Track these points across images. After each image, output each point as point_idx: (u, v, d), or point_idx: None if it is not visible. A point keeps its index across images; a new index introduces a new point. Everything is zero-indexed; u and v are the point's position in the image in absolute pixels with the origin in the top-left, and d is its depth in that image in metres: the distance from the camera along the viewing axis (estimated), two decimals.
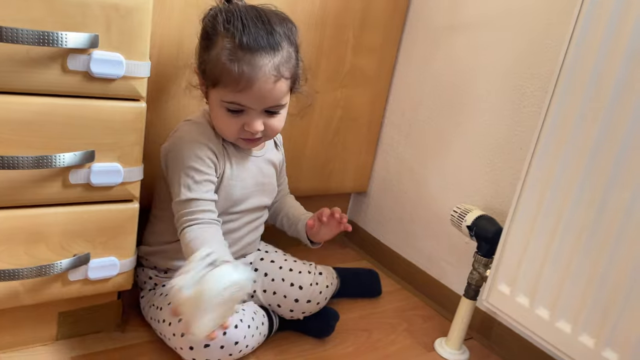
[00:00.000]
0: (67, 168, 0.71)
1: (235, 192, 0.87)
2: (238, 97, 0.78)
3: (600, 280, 0.74)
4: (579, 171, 0.75)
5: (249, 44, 0.75)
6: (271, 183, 0.95)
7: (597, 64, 0.73)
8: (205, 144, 0.82)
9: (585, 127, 0.75)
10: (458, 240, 1.13)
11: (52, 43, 0.64)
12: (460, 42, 1.12)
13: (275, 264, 0.96)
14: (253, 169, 0.90)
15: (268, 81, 0.77)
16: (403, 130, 1.27)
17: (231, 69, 0.75)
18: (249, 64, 0.75)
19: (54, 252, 0.75)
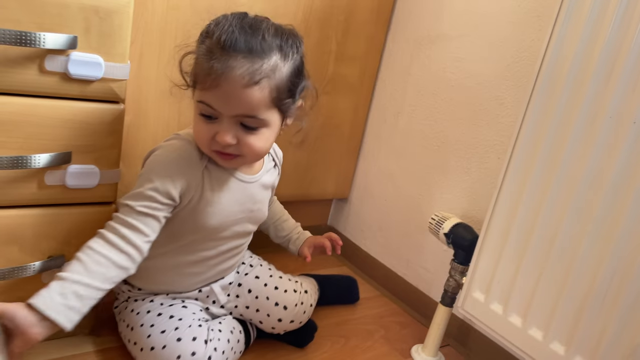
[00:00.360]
0: (43, 169, 0.71)
1: (210, 220, 0.79)
2: (207, 96, 0.71)
3: (571, 289, 0.75)
4: (552, 181, 0.77)
5: (227, 43, 0.70)
6: (261, 210, 0.88)
7: (570, 76, 0.75)
8: (174, 175, 0.74)
9: (559, 138, 0.76)
10: (436, 248, 1.14)
11: (30, 43, 0.63)
12: (440, 52, 1.13)
13: (260, 281, 0.93)
14: (241, 197, 0.83)
15: (237, 83, 0.69)
16: (384, 137, 1.28)
17: (204, 65, 0.71)
18: (221, 61, 0.69)
19: (27, 253, 0.74)
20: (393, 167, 1.25)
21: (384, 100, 1.28)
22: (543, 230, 0.78)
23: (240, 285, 0.93)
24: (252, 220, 0.88)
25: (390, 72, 1.26)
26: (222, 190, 0.80)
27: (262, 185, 0.87)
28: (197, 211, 0.78)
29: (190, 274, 0.86)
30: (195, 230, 0.80)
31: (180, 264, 0.84)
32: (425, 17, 1.17)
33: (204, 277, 0.88)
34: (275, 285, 0.93)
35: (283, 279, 0.95)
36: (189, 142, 0.77)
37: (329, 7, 1.14)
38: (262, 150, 0.76)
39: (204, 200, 0.78)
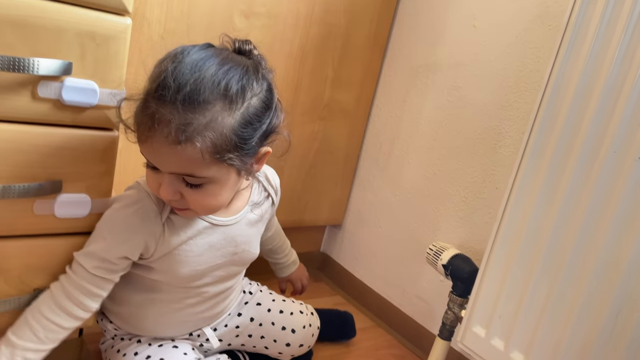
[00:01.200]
0: (32, 198, 0.68)
1: (181, 270, 0.73)
2: (142, 149, 0.65)
3: (576, 325, 0.74)
4: (555, 214, 0.76)
5: (160, 92, 0.61)
6: (247, 251, 0.80)
7: (573, 109, 0.74)
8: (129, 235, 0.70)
9: (561, 172, 0.75)
10: (432, 278, 1.12)
11: (22, 69, 0.61)
12: (436, 80, 1.13)
13: (263, 307, 0.89)
14: (218, 241, 0.76)
15: (163, 141, 0.61)
16: (380, 163, 1.26)
17: (136, 116, 0.64)
18: (148, 115, 0.61)
19: (12, 286, 0.70)
20: (388, 195, 1.24)
21: (379, 127, 1.27)
22: (546, 264, 0.77)
23: (241, 315, 0.89)
24: (238, 263, 0.80)
25: (386, 98, 1.25)
26: (191, 238, 0.73)
27: (248, 224, 0.79)
28: (164, 263, 0.73)
29: (176, 322, 0.81)
30: (170, 281, 0.76)
31: (164, 311, 0.79)
32: (422, 45, 1.17)
33: (191, 324, 0.83)
34: (279, 309, 0.89)
35: (287, 301, 0.92)
36: (147, 194, 0.71)
37: (326, 33, 1.14)
38: (211, 206, 0.68)
39: (169, 251, 0.72)
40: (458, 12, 1.09)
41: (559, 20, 0.91)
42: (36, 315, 0.68)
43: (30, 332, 0.67)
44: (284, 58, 1.09)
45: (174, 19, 0.92)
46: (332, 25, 1.14)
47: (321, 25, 1.12)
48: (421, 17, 1.17)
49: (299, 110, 1.17)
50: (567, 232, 0.75)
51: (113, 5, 0.67)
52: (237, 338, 0.89)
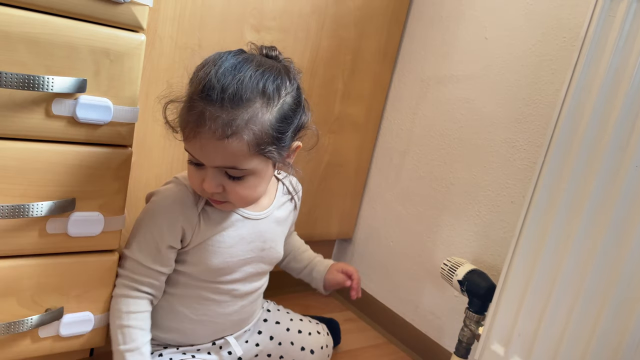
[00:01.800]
0: (45, 217, 0.67)
1: (213, 260, 0.77)
2: (189, 146, 0.71)
3: (599, 343, 0.72)
4: (576, 227, 0.74)
5: (204, 93, 0.67)
6: (274, 249, 0.84)
7: (592, 121, 0.73)
8: (170, 223, 0.74)
9: (583, 184, 0.74)
10: (446, 293, 1.10)
11: (37, 87, 0.60)
12: (448, 93, 1.12)
13: (282, 326, 0.88)
14: (248, 234, 0.80)
15: (211, 136, 0.67)
16: (390, 177, 1.25)
17: (183, 115, 0.70)
18: (196, 113, 0.67)
19: (24, 306, 0.69)
20: (399, 208, 1.22)
21: (389, 140, 1.26)
22: (567, 280, 0.75)
23: (261, 333, 0.88)
24: (266, 260, 0.83)
25: (397, 111, 1.24)
26: (224, 230, 0.77)
27: (275, 221, 0.83)
28: (198, 253, 0.77)
29: (203, 322, 0.81)
30: (201, 274, 0.78)
31: (194, 308, 0.80)
32: (432, 57, 1.16)
33: (218, 328, 0.83)
34: (298, 328, 0.89)
35: (304, 321, 0.91)
36: (185, 186, 0.76)
37: (336, 46, 1.13)
38: (250, 198, 0.74)
39: (203, 241, 0.76)
40: (469, 24, 1.09)
41: (573, 32, 0.91)
42: (123, 316, 0.73)
43: (134, 331, 0.72)
44: None
45: (185, 34, 0.92)
46: (342, 38, 1.13)
47: (331, 38, 1.12)
48: (431, 29, 1.17)
49: None
50: (589, 247, 0.73)
51: (127, 22, 0.67)
52: (256, 358, 0.87)
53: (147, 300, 0.76)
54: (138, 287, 0.75)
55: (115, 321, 0.74)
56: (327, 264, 0.97)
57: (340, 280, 0.92)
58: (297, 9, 1.04)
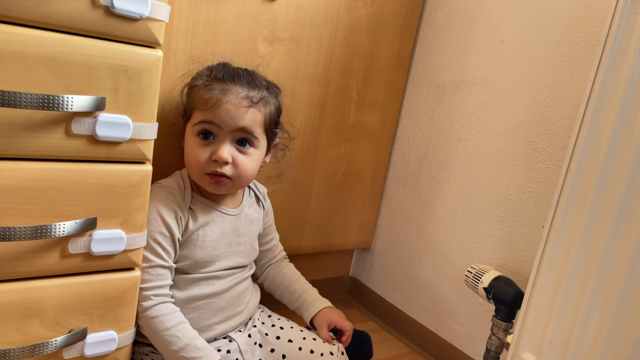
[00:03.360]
0: (67, 237, 0.66)
1: (198, 253, 0.83)
2: (207, 115, 0.79)
3: (636, 345, 0.70)
4: (608, 227, 0.72)
5: (225, 77, 0.81)
6: (249, 244, 0.91)
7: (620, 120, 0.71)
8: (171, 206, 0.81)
9: (612, 181, 0.72)
10: (470, 300, 1.08)
11: (56, 107, 0.60)
12: (464, 97, 1.11)
13: (294, 344, 0.88)
14: (226, 229, 0.87)
15: (239, 103, 0.79)
16: (408, 184, 1.24)
17: (203, 93, 0.80)
18: (221, 89, 0.79)
19: (48, 328, 0.69)
20: (418, 215, 1.21)
21: (406, 147, 1.25)
22: (600, 283, 0.73)
23: (274, 351, 0.87)
24: (243, 254, 0.90)
25: (412, 118, 1.23)
26: (207, 224, 0.84)
27: (248, 219, 0.91)
28: (186, 247, 0.82)
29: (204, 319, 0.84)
30: (189, 268, 0.83)
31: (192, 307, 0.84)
32: (446, 62, 1.15)
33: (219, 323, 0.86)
34: (310, 348, 0.87)
35: (317, 341, 0.89)
36: (170, 187, 0.83)
37: (349, 55, 1.12)
38: (251, 172, 0.83)
39: (190, 235, 0.82)
40: (484, 27, 1.07)
41: (592, 31, 0.89)
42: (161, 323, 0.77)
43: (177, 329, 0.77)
44: (309, 81, 1.08)
45: (199, 49, 0.91)
46: (355, 46, 1.13)
47: (344, 47, 1.11)
48: (445, 34, 1.16)
49: (324, 133, 1.15)
50: (621, 248, 0.71)
51: (144, 38, 0.66)
52: None
53: (172, 302, 0.80)
54: (163, 292, 0.79)
55: (155, 331, 0.77)
56: (315, 307, 0.94)
57: (325, 338, 0.91)
58: (309, 18, 1.04)
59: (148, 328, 0.77)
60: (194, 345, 0.77)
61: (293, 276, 1.00)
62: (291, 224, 1.16)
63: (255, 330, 0.90)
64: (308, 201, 1.18)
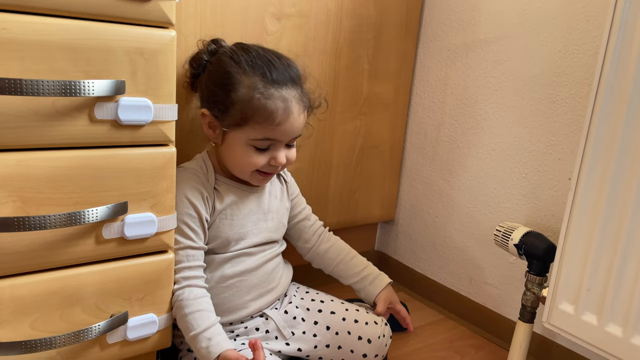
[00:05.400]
0: (100, 223, 0.67)
1: (228, 232, 0.84)
2: (271, 133, 0.78)
3: None
4: (637, 170, 0.71)
5: (278, 79, 0.78)
6: (275, 218, 0.91)
7: None
8: (196, 187, 0.81)
9: (638, 123, 0.71)
10: (500, 261, 1.08)
11: (77, 93, 0.60)
12: (477, 58, 1.09)
13: (337, 315, 0.88)
14: (251, 207, 0.87)
15: (299, 115, 0.80)
16: (427, 152, 1.23)
17: (266, 106, 0.76)
18: (282, 99, 0.77)
19: (89, 314, 0.70)
20: (440, 182, 1.20)
21: (422, 115, 1.24)
22: (633, 228, 0.72)
23: (317, 324, 0.88)
24: (271, 230, 0.90)
25: (425, 85, 1.22)
26: (235, 203, 0.85)
27: (272, 195, 0.91)
28: (215, 227, 0.83)
29: (234, 287, 0.85)
30: (220, 247, 0.84)
31: (221, 278, 0.84)
32: (456, 24, 1.14)
33: (254, 299, 0.86)
34: (354, 318, 0.87)
35: (360, 312, 0.89)
36: (193, 169, 0.83)
37: (357, 26, 1.11)
38: (293, 161, 0.85)
39: (218, 215, 0.83)
40: None
41: None
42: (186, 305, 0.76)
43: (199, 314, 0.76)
44: (319, 56, 1.08)
45: (208, 31, 0.91)
46: (362, 17, 1.11)
47: (352, 18, 1.10)
48: None
49: (339, 108, 1.14)
50: None
51: (157, 19, 0.66)
52: (315, 350, 0.86)
53: (203, 286, 0.80)
54: (194, 275, 0.79)
55: (179, 313, 0.76)
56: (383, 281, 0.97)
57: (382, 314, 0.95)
58: None
59: (174, 309, 0.77)
60: (204, 335, 0.75)
61: (350, 251, 1.00)
62: (314, 202, 1.16)
63: (292, 307, 0.91)
64: (328, 178, 1.18)
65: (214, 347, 0.73)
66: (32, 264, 0.64)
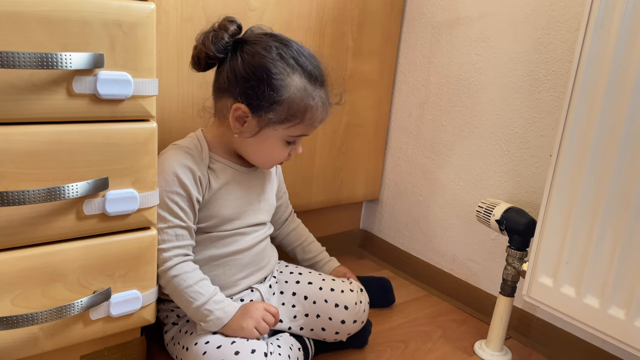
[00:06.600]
0: (81, 199, 0.67)
1: (224, 211, 0.84)
2: (308, 130, 0.81)
3: None
4: (615, 146, 0.72)
5: (318, 78, 0.79)
6: (267, 200, 0.91)
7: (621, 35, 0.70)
8: (188, 166, 0.80)
9: (618, 99, 0.72)
10: (482, 238, 1.09)
11: (55, 65, 0.59)
12: (461, 36, 1.09)
13: (314, 285, 0.90)
14: (246, 187, 0.87)
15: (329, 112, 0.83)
16: (411, 131, 1.23)
17: (312, 106, 0.78)
18: (321, 99, 0.80)
19: (72, 290, 0.69)
20: (424, 161, 1.21)
21: (406, 93, 1.24)
22: (612, 200, 0.74)
23: (295, 294, 0.89)
24: (263, 211, 0.90)
25: (410, 63, 1.22)
26: (229, 183, 0.84)
27: (264, 177, 0.91)
28: (210, 207, 0.82)
29: (226, 265, 0.85)
30: (216, 226, 0.83)
31: (213, 256, 0.84)
32: (440, 2, 1.13)
33: (244, 273, 0.87)
34: (330, 287, 0.89)
35: (336, 281, 0.91)
36: (187, 147, 0.82)
37: (342, 3, 1.11)
38: None
39: (213, 194, 0.82)
40: None
41: None
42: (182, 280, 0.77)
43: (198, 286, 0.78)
44: (303, 33, 1.07)
45: (190, 6, 0.90)
46: None
47: None
48: None
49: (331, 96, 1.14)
50: (631, 164, 0.71)
51: None
52: (295, 320, 0.87)
53: (192, 261, 0.81)
54: (183, 252, 0.79)
55: (177, 290, 0.78)
56: (331, 266, 1.02)
57: None
58: None
59: (170, 287, 0.78)
60: (213, 300, 0.78)
61: (309, 237, 1.05)
62: (298, 181, 1.16)
63: (274, 281, 0.92)
64: (313, 156, 1.18)
65: (228, 307, 0.79)
66: (12, 240, 0.64)
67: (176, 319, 0.85)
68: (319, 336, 0.88)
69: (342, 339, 0.89)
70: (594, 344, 0.93)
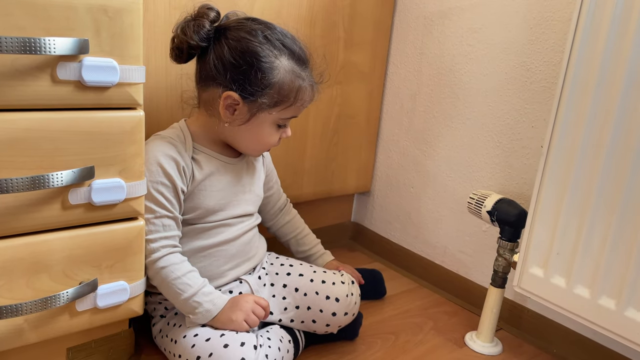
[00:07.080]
0: (66, 188, 0.65)
1: (208, 202, 0.83)
2: (298, 111, 0.81)
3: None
4: (606, 137, 0.72)
5: (303, 59, 0.80)
6: (253, 191, 0.90)
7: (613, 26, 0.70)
8: (172, 156, 0.79)
9: (609, 90, 0.72)
10: (474, 229, 1.09)
11: (38, 50, 0.58)
12: (453, 26, 1.09)
13: (305, 277, 0.89)
14: (231, 178, 0.86)
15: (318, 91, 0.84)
16: (403, 123, 1.23)
17: (301, 87, 0.79)
18: (308, 79, 0.80)
19: (57, 281, 0.68)
20: (416, 153, 1.20)
21: (398, 85, 1.23)
22: (602, 192, 0.74)
23: (286, 286, 0.88)
24: (249, 202, 0.89)
25: (402, 54, 1.21)
26: (213, 174, 0.83)
27: (250, 167, 0.90)
28: (195, 198, 0.82)
29: (213, 256, 0.85)
30: (200, 217, 0.83)
31: (204, 255, 0.84)
32: None
33: (231, 268, 0.86)
34: (321, 279, 0.88)
35: (327, 273, 0.90)
36: (170, 138, 0.81)
37: None
38: None
39: (197, 185, 0.81)
40: None
41: None
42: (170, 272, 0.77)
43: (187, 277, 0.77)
44: (294, 22, 1.05)
45: None
46: None
47: None
48: None
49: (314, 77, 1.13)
50: (622, 155, 0.71)
51: None
52: (286, 312, 0.87)
53: (180, 253, 0.80)
54: (170, 243, 0.78)
55: (165, 281, 0.77)
56: (325, 259, 1.02)
57: None
58: None
59: (158, 279, 0.77)
60: (202, 292, 0.78)
61: (304, 229, 1.05)
62: (289, 172, 1.15)
63: (264, 273, 0.91)
64: (304, 148, 1.17)
65: (218, 299, 0.78)
66: None
67: (164, 312, 0.84)
68: (309, 328, 0.87)
69: (333, 331, 0.88)
70: (585, 334, 0.93)
